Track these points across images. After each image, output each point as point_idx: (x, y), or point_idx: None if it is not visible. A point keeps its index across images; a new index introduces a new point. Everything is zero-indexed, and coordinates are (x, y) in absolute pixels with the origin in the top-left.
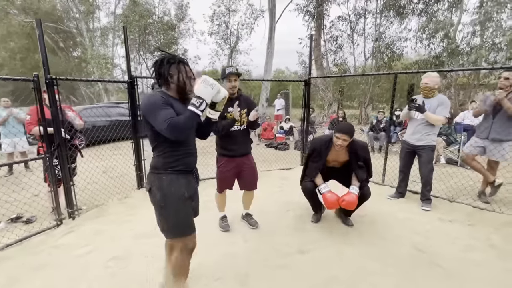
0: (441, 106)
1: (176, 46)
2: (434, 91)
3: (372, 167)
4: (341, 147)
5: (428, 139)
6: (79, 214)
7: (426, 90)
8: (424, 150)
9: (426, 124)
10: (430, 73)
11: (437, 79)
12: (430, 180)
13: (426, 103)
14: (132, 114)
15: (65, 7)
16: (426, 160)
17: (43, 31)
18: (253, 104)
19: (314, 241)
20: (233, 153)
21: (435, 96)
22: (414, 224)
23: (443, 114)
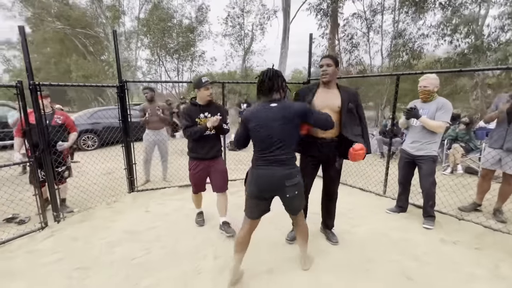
0: (440, 111)
1: (194, 48)
2: (433, 95)
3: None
4: (326, 73)
5: (428, 149)
6: (64, 218)
7: (425, 93)
8: (424, 161)
9: (426, 132)
10: (428, 75)
11: (436, 81)
12: (433, 195)
13: (424, 108)
14: (123, 117)
15: (94, 13)
16: (427, 172)
17: (26, 39)
18: (223, 110)
19: (289, 260)
20: (202, 155)
21: (434, 100)
22: (410, 245)
23: (443, 119)
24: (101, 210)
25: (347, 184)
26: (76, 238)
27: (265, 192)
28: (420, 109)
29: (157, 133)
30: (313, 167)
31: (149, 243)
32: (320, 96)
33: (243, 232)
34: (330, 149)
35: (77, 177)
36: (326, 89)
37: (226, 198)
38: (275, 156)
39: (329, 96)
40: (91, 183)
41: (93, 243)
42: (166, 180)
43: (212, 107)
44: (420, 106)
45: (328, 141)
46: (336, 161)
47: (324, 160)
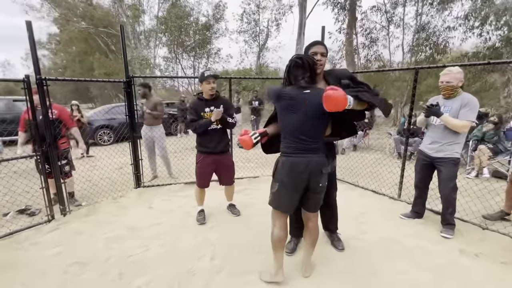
0: (465, 108)
1: (210, 45)
2: (457, 90)
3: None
4: (321, 64)
5: (449, 150)
6: (70, 211)
7: (447, 89)
8: (445, 164)
9: (448, 131)
10: (450, 69)
11: (460, 75)
12: (453, 201)
13: (446, 105)
14: (129, 113)
15: (116, 12)
16: (447, 176)
17: (33, 33)
18: (228, 104)
19: (290, 265)
20: (210, 150)
21: (459, 96)
22: (425, 256)
23: (468, 117)
24: (106, 204)
25: (359, 185)
26: (80, 232)
27: (300, 182)
28: (442, 106)
29: (153, 129)
30: None
31: (148, 240)
32: None
33: (277, 230)
34: None
35: (90, 171)
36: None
37: (233, 188)
38: (309, 143)
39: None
40: (102, 177)
41: (95, 237)
42: (172, 176)
43: (218, 101)
44: (442, 103)
45: None
46: (328, 164)
47: None
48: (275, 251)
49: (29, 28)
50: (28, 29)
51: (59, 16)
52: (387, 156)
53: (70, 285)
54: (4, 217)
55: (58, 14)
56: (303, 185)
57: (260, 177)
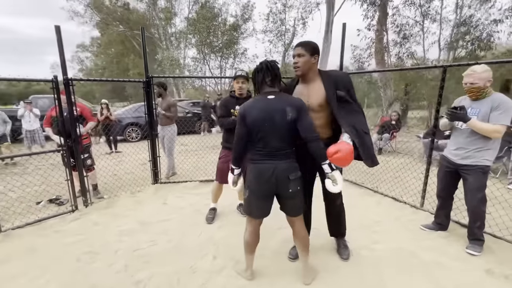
0: (497, 111)
1: (237, 46)
2: (485, 91)
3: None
4: (297, 66)
5: (478, 157)
6: (91, 203)
7: (473, 92)
8: (471, 172)
9: (477, 137)
10: (474, 68)
11: (486, 74)
12: (482, 214)
13: (474, 107)
14: (148, 112)
15: (150, 15)
16: (474, 187)
17: (61, 37)
18: None
19: (289, 273)
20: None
21: (488, 97)
22: (444, 273)
23: (501, 121)
24: (125, 198)
25: (378, 191)
26: (97, 223)
27: (268, 188)
28: (469, 107)
29: (164, 128)
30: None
31: (157, 235)
32: (298, 94)
33: (248, 234)
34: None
35: (116, 165)
36: (304, 85)
37: None
38: (276, 149)
39: (307, 93)
40: (126, 172)
41: (109, 229)
42: (167, 177)
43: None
44: (469, 105)
45: None
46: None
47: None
48: (245, 253)
49: (57, 32)
50: (56, 33)
51: (100, 21)
52: (415, 161)
53: (80, 272)
54: (37, 205)
55: (99, 19)
56: (272, 191)
57: None
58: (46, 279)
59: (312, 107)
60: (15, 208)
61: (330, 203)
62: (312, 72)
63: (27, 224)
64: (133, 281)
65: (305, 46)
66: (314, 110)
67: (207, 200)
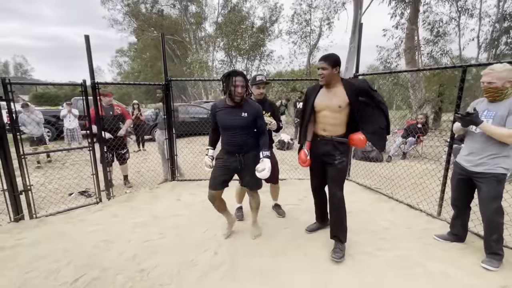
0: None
1: (263, 48)
2: (503, 92)
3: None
4: (322, 77)
5: (491, 165)
6: (113, 196)
7: (490, 92)
8: (485, 181)
9: (492, 142)
10: (494, 67)
11: (507, 74)
12: (498, 226)
13: (490, 110)
14: (167, 113)
15: (181, 21)
16: (489, 196)
17: (90, 45)
18: (277, 108)
19: (287, 272)
20: None
21: (506, 99)
22: (451, 286)
23: None
24: (143, 193)
25: (393, 198)
26: (116, 215)
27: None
28: (485, 110)
29: (163, 133)
30: (317, 166)
31: (166, 229)
32: (320, 97)
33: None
34: (328, 148)
35: (142, 163)
36: (327, 89)
37: (278, 187)
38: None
39: (329, 96)
40: (150, 169)
41: (126, 221)
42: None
43: (266, 105)
44: (485, 107)
45: (327, 139)
46: (335, 159)
47: (324, 158)
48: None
49: (87, 40)
50: (86, 42)
51: (137, 27)
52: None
53: (96, 257)
54: (69, 196)
55: (136, 26)
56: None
57: (287, 180)
58: (67, 261)
59: (332, 108)
60: (51, 198)
61: (330, 196)
62: (335, 80)
63: (58, 213)
64: (139, 268)
65: (328, 60)
66: (333, 111)
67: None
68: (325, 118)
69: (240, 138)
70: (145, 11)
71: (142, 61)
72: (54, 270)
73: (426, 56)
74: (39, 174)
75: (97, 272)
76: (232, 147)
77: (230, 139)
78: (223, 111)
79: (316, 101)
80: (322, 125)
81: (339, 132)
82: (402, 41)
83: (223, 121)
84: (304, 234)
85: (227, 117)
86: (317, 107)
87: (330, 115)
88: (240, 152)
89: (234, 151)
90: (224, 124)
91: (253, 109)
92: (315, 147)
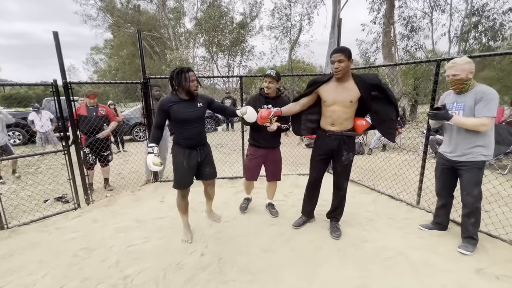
0: (481, 103)
1: (244, 44)
2: (467, 83)
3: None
4: (339, 71)
5: (472, 153)
6: (93, 201)
7: (456, 84)
8: (466, 169)
9: (468, 132)
10: (456, 60)
11: (468, 66)
12: (476, 211)
13: (459, 102)
14: (147, 112)
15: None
16: (470, 183)
17: (59, 43)
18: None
19: (275, 269)
20: (259, 144)
21: (471, 90)
22: (430, 272)
23: (486, 114)
24: (124, 196)
25: (375, 189)
26: (96, 220)
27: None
28: (454, 102)
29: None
30: (321, 161)
31: (150, 232)
32: (331, 91)
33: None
34: (338, 143)
35: (123, 165)
36: (338, 83)
37: (276, 186)
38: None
39: (340, 90)
40: (131, 171)
41: (107, 226)
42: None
43: (278, 101)
44: (454, 99)
45: (337, 134)
46: (343, 156)
47: (331, 153)
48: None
49: (55, 38)
50: (55, 39)
51: (112, 23)
52: (419, 158)
53: (75, 267)
54: (44, 203)
55: (111, 21)
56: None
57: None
58: (43, 274)
59: (343, 102)
60: (24, 206)
61: (338, 186)
62: (347, 74)
63: (32, 221)
64: (122, 276)
65: (344, 52)
66: (344, 106)
67: (202, 199)
68: (334, 113)
69: (199, 130)
70: (120, 6)
71: (119, 58)
72: (29, 284)
73: (402, 50)
74: (9, 182)
75: (77, 283)
76: (192, 140)
77: (190, 132)
78: (178, 105)
79: (325, 95)
80: (330, 120)
81: (348, 127)
82: (380, 36)
83: (181, 115)
84: (291, 230)
85: (184, 110)
86: (327, 101)
87: (340, 110)
88: (199, 145)
89: (195, 144)
90: (183, 118)
91: (205, 98)
92: (323, 142)
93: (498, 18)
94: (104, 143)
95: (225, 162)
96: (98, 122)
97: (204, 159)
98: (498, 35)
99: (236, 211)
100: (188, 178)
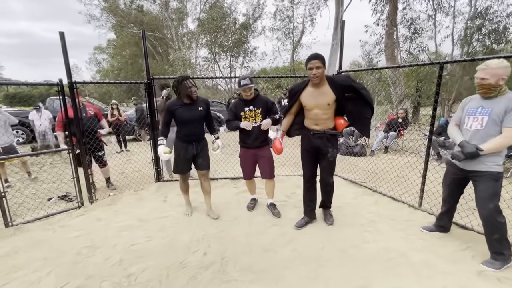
0: (511, 114)
1: (247, 44)
2: (496, 89)
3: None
4: (316, 76)
5: (488, 162)
6: (96, 200)
7: (483, 88)
8: (482, 179)
9: (487, 139)
10: (490, 62)
11: (501, 71)
12: (498, 225)
13: (484, 107)
14: (150, 112)
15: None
16: (486, 195)
17: (65, 43)
18: (269, 103)
19: (276, 269)
20: (248, 145)
21: (501, 96)
22: (431, 274)
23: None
24: (127, 195)
25: (377, 191)
26: (99, 219)
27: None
28: (479, 107)
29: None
30: (308, 157)
31: (153, 231)
32: (309, 96)
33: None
34: (321, 141)
35: (126, 164)
36: (315, 88)
37: (273, 184)
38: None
39: (317, 95)
40: (134, 170)
41: (110, 225)
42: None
43: (257, 101)
44: (479, 104)
45: (320, 133)
46: (328, 153)
47: (317, 151)
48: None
49: (61, 38)
50: (61, 39)
51: (116, 23)
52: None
53: (79, 265)
54: (48, 201)
55: (114, 22)
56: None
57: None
58: (47, 271)
59: (321, 106)
60: (28, 204)
61: (324, 183)
62: (323, 79)
63: (37, 219)
64: (125, 274)
65: (321, 59)
66: (322, 108)
67: (202, 198)
68: (316, 115)
69: (197, 128)
70: (123, 7)
71: (122, 58)
72: (34, 281)
73: (405, 52)
74: (14, 180)
75: (81, 280)
76: (190, 137)
77: (189, 130)
78: (182, 109)
79: (305, 101)
80: (314, 121)
81: (330, 126)
82: (383, 38)
83: (184, 116)
84: (293, 230)
85: (187, 113)
86: (307, 106)
87: (321, 112)
88: (196, 140)
89: (192, 140)
90: (185, 119)
91: (205, 103)
92: (309, 141)
93: (502, 21)
94: (97, 144)
95: (227, 162)
96: (90, 123)
97: (200, 152)
98: (501, 38)
99: (238, 211)
100: (185, 166)
